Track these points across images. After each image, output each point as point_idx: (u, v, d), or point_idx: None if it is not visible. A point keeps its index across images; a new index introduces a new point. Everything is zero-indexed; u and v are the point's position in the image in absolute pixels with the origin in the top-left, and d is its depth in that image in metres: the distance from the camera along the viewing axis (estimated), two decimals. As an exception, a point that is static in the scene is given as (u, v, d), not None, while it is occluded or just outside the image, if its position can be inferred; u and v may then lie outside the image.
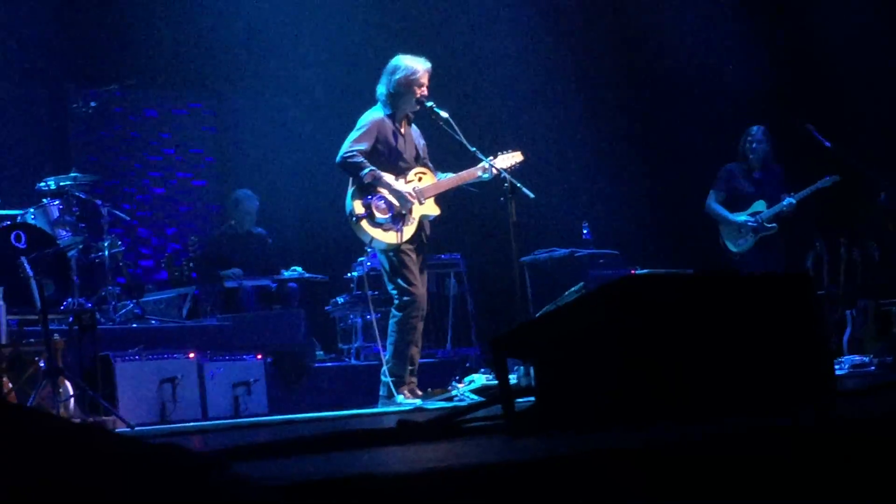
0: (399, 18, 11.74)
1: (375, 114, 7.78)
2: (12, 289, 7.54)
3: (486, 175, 7.80)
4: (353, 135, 7.71)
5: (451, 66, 11.86)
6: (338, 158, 7.67)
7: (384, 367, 7.72)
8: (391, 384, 7.61)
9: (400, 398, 7.55)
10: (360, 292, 9.92)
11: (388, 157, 7.72)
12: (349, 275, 10.32)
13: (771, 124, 10.09)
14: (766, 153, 9.88)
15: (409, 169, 7.79)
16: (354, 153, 7.61)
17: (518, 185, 7.56)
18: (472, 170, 7.84)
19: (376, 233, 7.60)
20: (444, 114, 7.73)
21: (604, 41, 12.18)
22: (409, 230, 7.66)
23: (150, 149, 12.29)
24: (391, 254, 7.70)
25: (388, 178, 7.63)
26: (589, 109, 11.97)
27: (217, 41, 11.50)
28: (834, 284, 10.05)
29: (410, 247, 7.69)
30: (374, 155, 7.67)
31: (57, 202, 9.10)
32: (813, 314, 3.75)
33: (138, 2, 11.29)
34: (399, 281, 7.71)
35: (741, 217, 9.78)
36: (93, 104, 9.99)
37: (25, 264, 7.51)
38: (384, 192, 7.61)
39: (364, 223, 7.59)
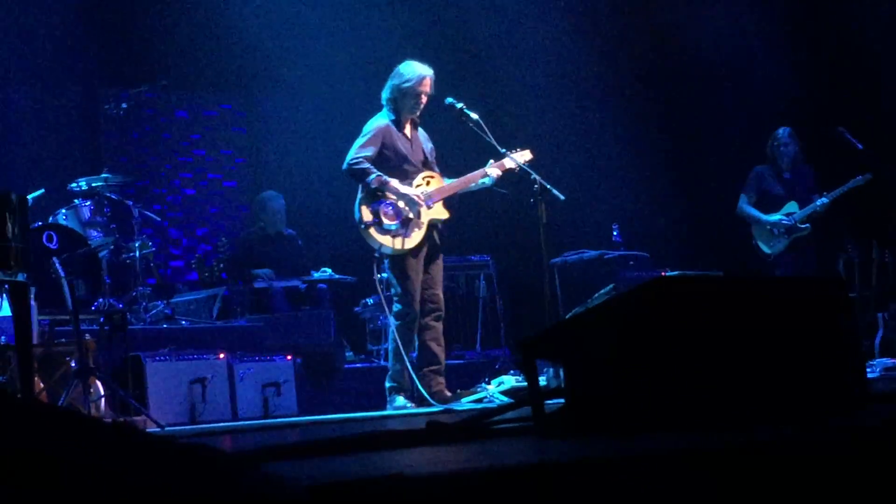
0: (429, 20, 11.75)
1: (380, 120, 7.82)
2: (44, 289, 7.58)
3: (488, 180, 7.79)
4: (359, 141, 7.77)
5: (479, 67, 11.87)
6: (344, 165, 7.73)
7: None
8: (390, 389, 7.70)
9: (400, 401, 7.60)
10: (389, 293, 9.93)
11: (396, 161, 7.75)
12: (378, 276, 10.32)
13: (802, 125, 10.05)
14: (795, 154, 9.83)
15: (417, 173, 7.80)
16: (360, 159, 7.66)
17: (548, 186, 7.55)
18: (475, 173, 7.84)
19: (385, 239, 7.65)
20: (474, 115, 7.74)
21: (634, 42, 12.15)
22: (417, 236, 7.67)
23: (180, 150, 12.34)
24: (395, 262, 7.74)
25: (394, 182, 7.64)
26: (619, 111, 11.95)
27: (248, 43, 11.53)
28: (866, 287, 9.99)
29: (419, 253, 7.71)
30: (381, 160, 7.71)
31: (88, 203, 9.14)
32: (846, 317, 3.72)
33: (169, 4, 11.34)
34: (400, 290, 7.78)
35: (775, 217, 9.74)
36: (124, 105, 10.02)
37: (57, 265, 7.55)
38: (392, 197, 7.62)
39: (373, 230, 7.63)
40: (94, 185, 9.29)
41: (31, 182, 8.90)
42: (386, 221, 7.62)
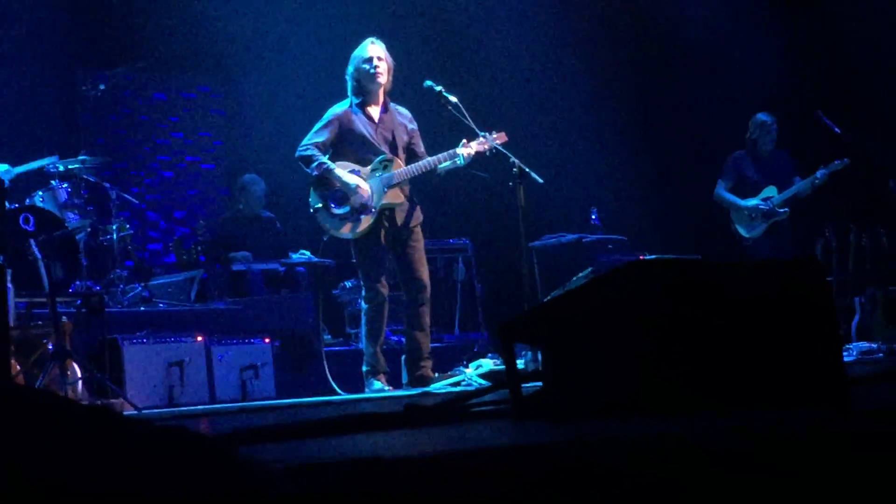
0: (409, 3, 11.72)
1: (339, 107, 7.90)
2: (21, 271, 7.56)
3: (460, 160, 7.72)
4: (314, 128, 7.88)
5: (458, 51, 11.85)
6: (296, 153, 7.79)
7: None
8: (366, 373, 7.75)
9: (377, 384, 7.64)
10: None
11: (356, 145, 7.80)
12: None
13: (779, 110, 10.08)
14: (774, 140, 9.88)
15: (379, 155, 7.77)
16: (308, 147, 7.78)
17: (527, 170, 7.56)
18: (436, 157, 7.79)
19: (334, 224, 7.75)
20: (452, 98, 7.75)
21: (613, 26, 12.16)
22: (366, 221, 7.68)
23: (158, 132, 12.30)
24: (356, 246, 7.79)
25: (339, 170, 7.67)
26: (597, 95, 11.95)
27: (226, 25, 11.49)
28: (843, 271, 10.04)
29: (375, 237, 7.72)
30: (340, 145, 7.78)
31: (65, 185, 9.11)
32: (822, 299, 3.73)
33: (147, -15, 11.30)
34: (361, 273, 7.86)
35: (752, 201, 9.77)
36: (102, 87, 9.99)
37: (34, 247, 7.53)
38: (337, 184, 7.65)
39: (321, 215, 7.73)
40: (71, 167, 9.26)
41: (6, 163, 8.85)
42: (335, 206, 7.68)
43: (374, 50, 7.78)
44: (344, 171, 7.69)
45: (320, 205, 7.74)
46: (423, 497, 2.22)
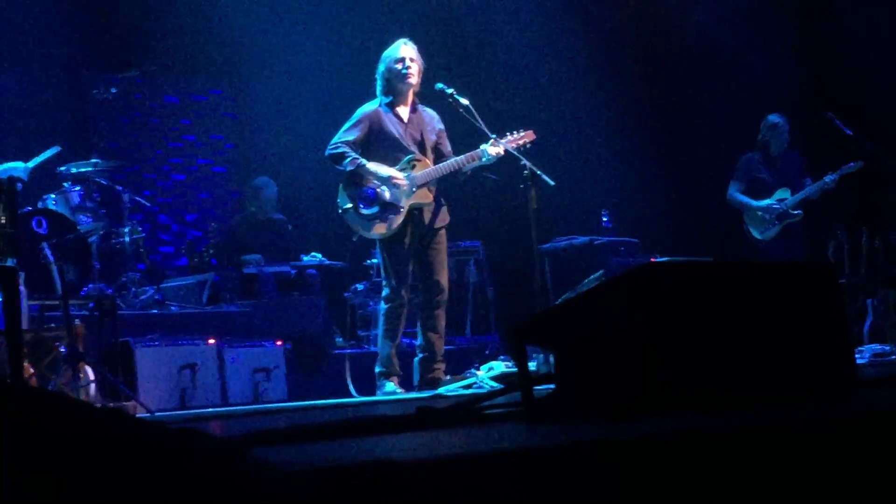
0: (419, 5, 11.73)
1: (369, 105, 7.88)
2: (33, 274, 7.58)
3: (475, 163, 7.75)
4: (343, 127, 7.85)
5: (470, 54, 11.86)
6: (326, 151, 7.75)
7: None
8: (379, 374, 7.73)
9: (390, 387, 7.63)
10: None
11: (384, 145, 7.78)
12: (369, 262, 10.33)
13: (790, 112, 10.07)
14: (786, 141, 9.87)
15: (408, 155, 7.79)
16: (339, 144, 7.74)
17: (538, 172, 7.55)
18: (466, 155, 7.78)
19: (363, 224, 7.72)
20: (464, 101, 7.74)
21: (625, 28, 12.15)
22: (396, 220, 7.67)
23: (170, 135, 12.32)
24: (382, 246, 7.79)
25: (373, 165, 7.67)
26: (609, 97, 11.95)
27: (238, 27, 11.50)
28: (855, 273, 10.02)
29: (402, 237, 7.71)
30: (369, 144, 7.77)
31: (78, 188, 9.13)
32: (835, 303, 3.73)
33: (159, -12, 11.31)
34: (386, 273, 7.81)
35: (766, 203, 9.76)
36: (113, 90, 10.00)
37: (46, 250, 7.54)
38: (372, 181, 7.65)
39: (351, 215, 7.71)
40: (83, 170, 9.29)
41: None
42: (364, 206, 7.67)
43: (406, 51, 7.79)
44: (378, 165, 7.70)
45: (349, 205, 7.72)
46: (436, 500, 2.22)
